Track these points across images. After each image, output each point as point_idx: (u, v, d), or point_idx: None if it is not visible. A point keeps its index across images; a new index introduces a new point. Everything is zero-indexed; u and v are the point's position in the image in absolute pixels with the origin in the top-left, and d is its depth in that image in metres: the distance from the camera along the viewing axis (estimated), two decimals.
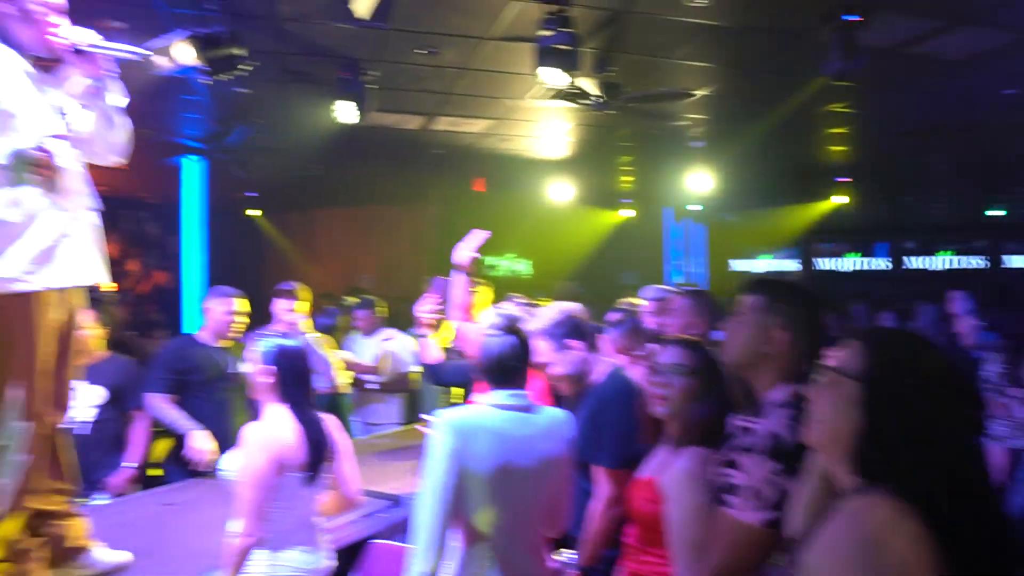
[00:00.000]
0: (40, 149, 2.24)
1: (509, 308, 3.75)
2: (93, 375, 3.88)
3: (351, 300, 7.15)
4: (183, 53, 4.57)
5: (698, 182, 10.47)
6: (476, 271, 3.83)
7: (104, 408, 4.03)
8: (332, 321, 5.92)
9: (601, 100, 5.95)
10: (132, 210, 13.35)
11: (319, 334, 5.20)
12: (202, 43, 4.65)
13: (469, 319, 3.80)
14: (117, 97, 2.58)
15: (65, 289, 2.44)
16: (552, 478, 2.32)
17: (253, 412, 4.37)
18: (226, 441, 4.00)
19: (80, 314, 2.60)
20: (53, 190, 2.31)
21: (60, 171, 2.31)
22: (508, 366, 2.29)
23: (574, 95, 5.83)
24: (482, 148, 9.40)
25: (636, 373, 3.02)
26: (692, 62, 6.51)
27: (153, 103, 6.23)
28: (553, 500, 2.34)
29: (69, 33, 2.38)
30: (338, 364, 5.19)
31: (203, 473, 3.91)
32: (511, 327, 2.35)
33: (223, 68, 4.70)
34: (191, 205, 9.97)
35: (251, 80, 5.39)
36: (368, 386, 5.82)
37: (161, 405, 4.11)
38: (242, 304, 4.48)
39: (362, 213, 13.47)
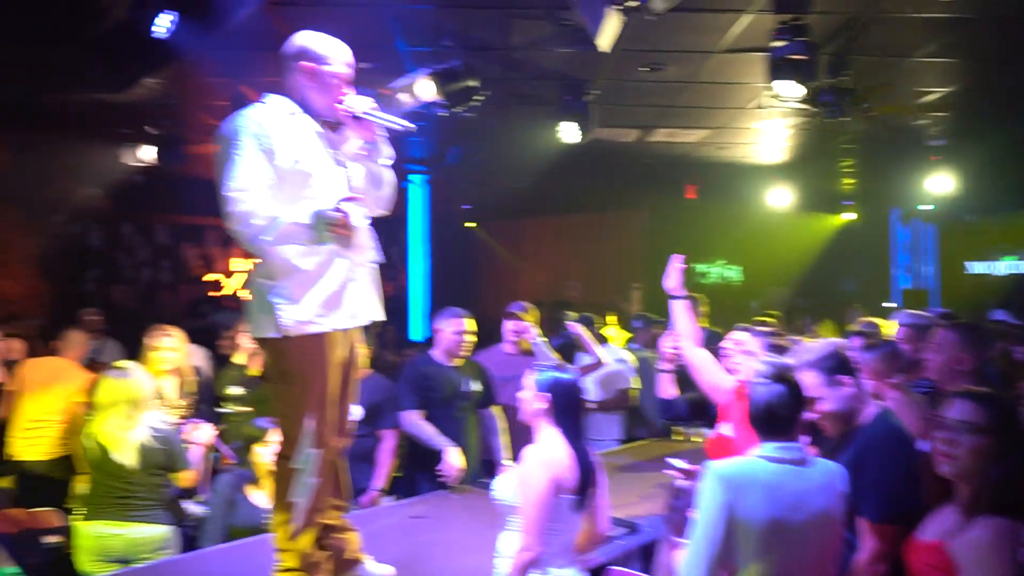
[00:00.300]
0: (337, 210, 2.48)
1: (743, 336, 3.65)
2: None
3: (572, 315, 7.25)
4: (424, 89, 4.90)
5: (936, 182, 9.62)
6: (687, 283, 3.73)
7: (358, 425, 4.33)
8: (566, 340, 6.04)
9: (834, 107, 5.63)
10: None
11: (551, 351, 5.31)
12: (441, 78, 4.95)
13: (699, 347, 3.72)
14: (385, 157, 2.83)
15: (349, 328, 2.71)
16: (824, 534, 2.22)
17: (484, 430, 4.64)
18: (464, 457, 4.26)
19: (358, 347, 2.87)
20: (347, 247, 2.57)
21: (354, 229, 2.55)
22: (778, 416, 2.22)
23: (806, 103, 5.56)
24: (697, 156, 9.23)
25: (892, 402, 2.82)
26: (935, 59, 5.99)
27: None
28: (824, 557, 2.25)
29: (353, 101, 2.63)
30: None
31: (450, 487, 4.13)
32: (780, 374, 2.29)
33: (460, 100, 4.99)
34: (415, 219, 10.68)
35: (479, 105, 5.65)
36: (589, 404, 5.89)
37: (416, 421, 4.36)
38: (470, 324, 4.66)
39: (570, 221, 13.70)
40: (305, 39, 2.69)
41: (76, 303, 10.23)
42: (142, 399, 3.81)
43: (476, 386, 4.63)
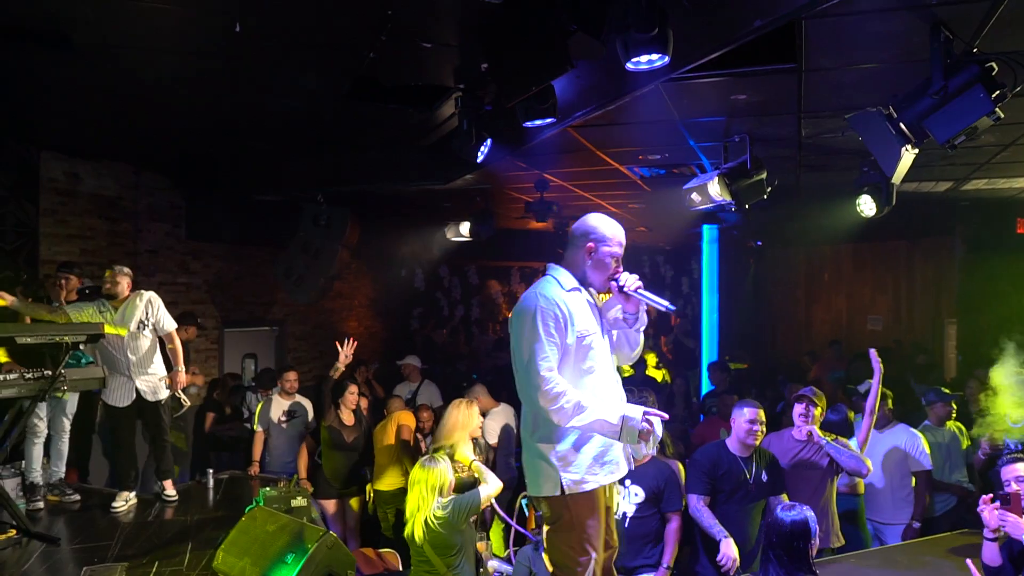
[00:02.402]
0: (646, 421, 2.86)
1: None
2: (636, 476, 4.52)
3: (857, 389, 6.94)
4: (716, 190, 5.12)
5: None
6: None
7: (642, 506, 4.60)
8: (841, 417, 5.85)
9: None
10: (651, 254, 14.99)
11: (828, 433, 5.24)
12: (730, 177, 5.13)
13: None
14: (641, 325, 3.17)
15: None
16: None
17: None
18: (744, 548, 4.42)
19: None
20: (642, 450, 3.01)
21: (655, 438, 2.91)
22: None
23: None
24: None
25: None
26: None
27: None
28: None
29: (625, 279, 3.03)
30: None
31: None
32: None
33: (750, 196, 5.11)
34: (706, 254, 10.85)
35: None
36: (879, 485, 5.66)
37: (699, 507, 4.58)
38: (760, 414, 4.76)
39: (873, 248, 12.77)
40: (593, 221, 3.10)
41: (404, 340, 12.02)
42: (441, 486, 4.44)
43: (764, 476, 4.73)
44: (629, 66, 3.29)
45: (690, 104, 4.90)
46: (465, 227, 8.29)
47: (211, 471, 6.55)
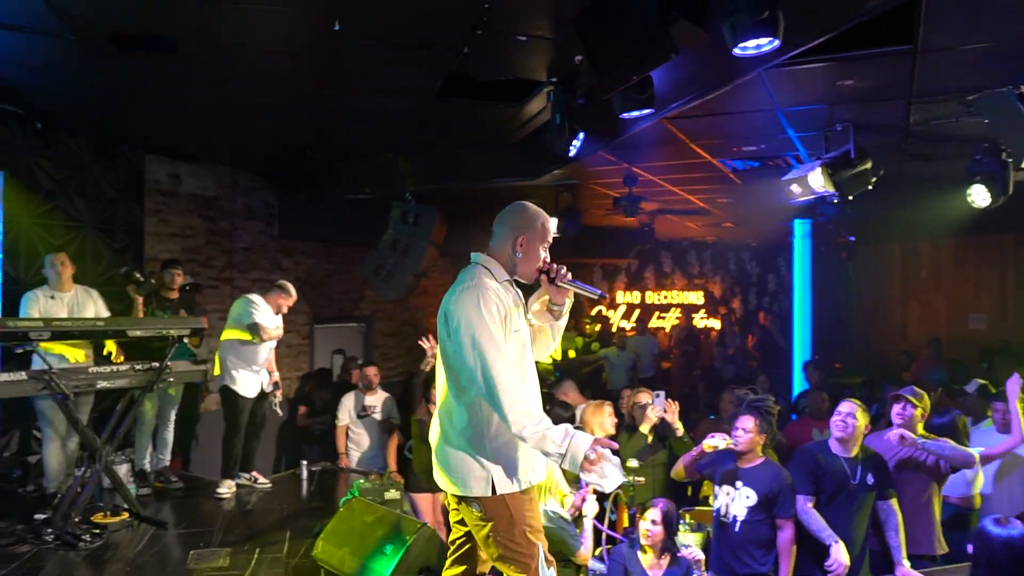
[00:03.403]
0: (593, 452, 2.59)
1: None
2: (747, 478, 4.41)
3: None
4: (817, 181, 4.92)
5: None
6: None
7: (753, 510, 4.41)
8: (949, 420, 5.54)
9: None
10: (735, 251, 14.63)
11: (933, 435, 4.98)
12: (833, 167, 4.92)
13: None
14: (564, 319, 3.04)
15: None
16: None
17: (880, 524, 4.52)
18: (850, 553, 4.22)
19: None
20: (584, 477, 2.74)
21: (601, 469, 2.65)
22: None
23: None
24: None
25: None
26: None
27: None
28: None
29: (555, 270, 2.90)
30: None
31: None
32: None
33: (854, 187, 4.90)
34: (798, 250, 10.52)
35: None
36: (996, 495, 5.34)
37: (807, 509, 4.39)
38: (857, 410, 4.53)
39: (976, 242, 12.10)
40: (522, 211, 2.98)
41: None
42: (548, 487, 4.42)
43: (870, 477, 4.53)
44: (736, 51, 3.18)
45: (792, 91, 4.73)
46: (553, 223, 8.22)
47: (305, 463, 6.73)
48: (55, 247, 6.52)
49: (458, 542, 3.09)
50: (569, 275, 2.90)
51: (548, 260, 2.95)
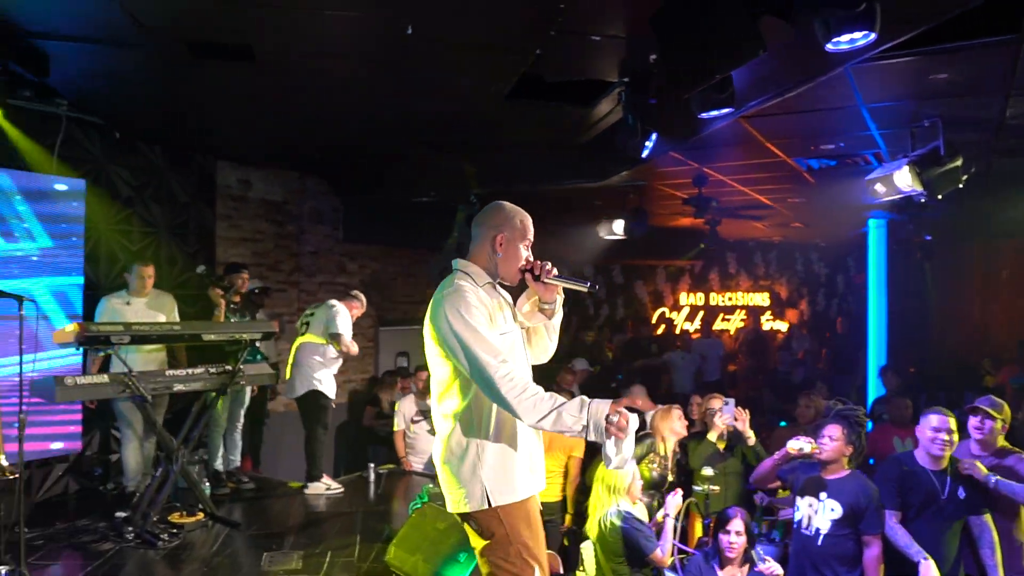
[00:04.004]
0: (619, 413, 2.48)
1: None
2: (833, 490, 4.19)
3: None
4: (903, 179, 4.70)
5: None
6: None
7: (838, 523, 4.18)
8: None
9: None
10: (803, 252, 14.25)
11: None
12: (920, 165, 4.70)
13: None
14: (558, 316, 2.91)
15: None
16: None
17: (974, 541, 4.29)
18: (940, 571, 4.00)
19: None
20: (618, 447, 2.59)
21: (628, 434, 2.56)
22: None
23: None
24: None
25: None
26: None
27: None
28: None
29: (539, 267, 2.78)
30: None
31: None
32: None
33: (943, 186, 4.67)
34: (873, 251, 10.16)
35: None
36: None
37: (893, 524, 4.18)
38: (950, 422, 4.31)
39: None
40: (499, 210, 2.86)
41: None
42: (619, 487, 4.36)
43: (961, 491, 4.30)
44: (829, 47, 3.03)
45: (879, 87, 4.52)
46: (619, 225, 8.12)
47: (372, 465, 6.77)
48: (132, 252, 6.70)
49: None
50: (554, 271, 2.78)
51: (531, 258, 2.84)
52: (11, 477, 4.44)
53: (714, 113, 4.02)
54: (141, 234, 6.93)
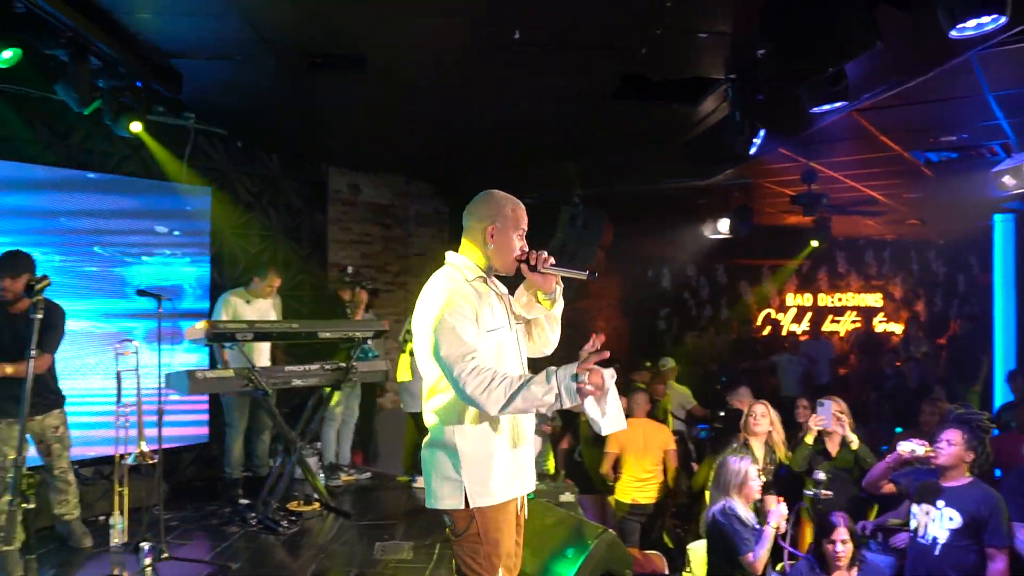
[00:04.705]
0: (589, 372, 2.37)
1: None
2: (951, 497, 4.00)
3: None
4: None
5: None
6: None
7: (957, 534, 3.98)
8: None
9: None
10: (919, 249, 13.55)
11: None
12: None
13: None
14: (559, 306, 2.77)
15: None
16: None
17: None
18: None
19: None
20: (599, 407, 2.48)
21: (607, 389, 2.42)
22: None
23: None
24: None
25: None
26: None
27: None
28: None
29: (535, 257, 2.64)
30: None
31: None
32: None
33: None
34: (998, 247, 9.57)
35: None
36: None
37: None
38: None
39: None
40: (489, 200, 2.75)
41: (650, 340, 11.91)
42: (725, 484, 4.30)
43: None
44: (953, 34, 2.92)
45: (1009, 73, 4.28)
46: (724, 224, 7.98)
47: None
48: (251, 255, 7.09)
49: None
50: (551, 260, 2.66)
51: (526, 248, 2.72)
52: (151, 462, 4.82)
53: (826, 107, 3.92)
54: (260, 237, 7.32)
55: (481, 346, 2.50)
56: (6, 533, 4.26)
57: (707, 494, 4.52)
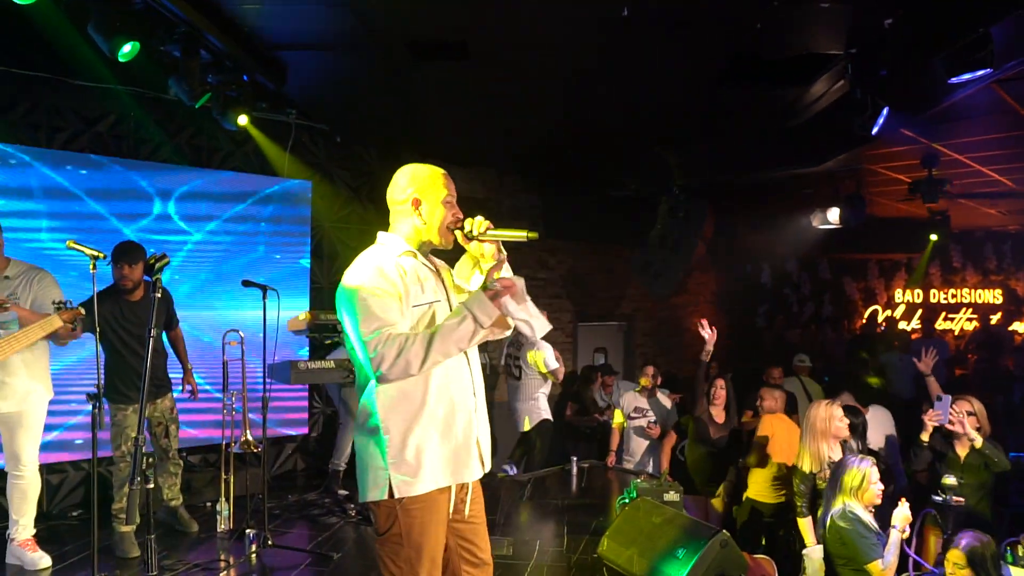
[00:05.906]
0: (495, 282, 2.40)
1: None
2: None
3: None
4: None
5: None
6: None
7: None
8: None
9: None
10: (995, 242, 12.62)
11: None
12: None
13: None
14: (507, 273, 2.53)
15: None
16: None
17: None
18: None
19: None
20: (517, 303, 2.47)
21: (515, 285, 2.43)
22: None
23: None
24: None
25: None
26: None
27: None
28: None
29: (469, 224, 2.50)
30: None
31: None
32: None
33: None
34: None
35: None
36: None
37: None
38: None
39: None
40: (410, 172, 2.63)
41: (749, 338, 11.50)
42: (847, 488, 4.01)
43: None
44: None
45: None
46: (834, 213, 7.54)
47: (575, 459, 6.77)
48: (350, 248, 7.15)
49: None
50: (488, 224, 2.52)
51: (460, 215, 2.61)
52: (256, 451, 4.90)
53: (966, 76, 3.58)
54: (358, 231, 7.39)
55: (405, 321, 2.39)
56: (128, 514, 4.41)
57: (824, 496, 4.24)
